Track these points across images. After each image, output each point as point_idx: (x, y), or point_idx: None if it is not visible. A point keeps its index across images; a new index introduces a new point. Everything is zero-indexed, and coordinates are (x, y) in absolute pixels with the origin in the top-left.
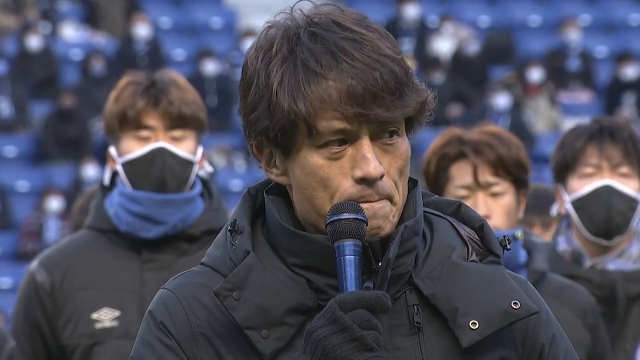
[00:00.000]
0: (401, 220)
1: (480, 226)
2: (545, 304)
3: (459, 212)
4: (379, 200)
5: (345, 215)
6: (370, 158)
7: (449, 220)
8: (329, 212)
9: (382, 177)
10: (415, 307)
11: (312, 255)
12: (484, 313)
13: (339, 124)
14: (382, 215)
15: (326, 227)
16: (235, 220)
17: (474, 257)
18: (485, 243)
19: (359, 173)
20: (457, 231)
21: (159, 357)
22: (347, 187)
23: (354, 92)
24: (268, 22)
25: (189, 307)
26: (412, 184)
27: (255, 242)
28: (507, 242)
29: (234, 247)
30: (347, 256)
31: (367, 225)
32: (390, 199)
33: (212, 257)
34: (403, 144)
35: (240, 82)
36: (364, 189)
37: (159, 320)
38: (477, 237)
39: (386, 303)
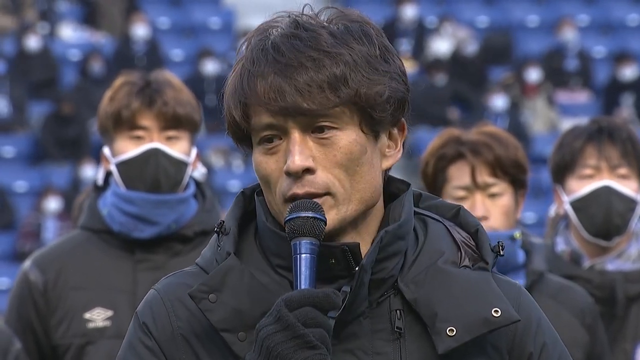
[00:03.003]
0: (386, 224)
1: (475, 231)
2: (540, 311)
3: (458, 216)
4: (307, 194)
5: (303, 214)
6: (293, 152)
7: (445, 225)
8: (287, 210)
9: (310, 170)
10: (397, 312)
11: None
12: (462, 320)
13: (266, 119)
14: (326, 212)
15: (285, 224)
16: (223, 221)
17: (466, 262)
18: (479, 248)
19: (285, 167)
20: (452, 236)
21: (139, 359)
22: (282, 182)
23: (277, 86)
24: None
25: (172, 308)
26: (405, 187)
27: (244, 244)
28: (500, 248)
29: (219, 248)
30: (302, 254)
31: (325, 224)
32: (329, 194)
33: (203, 257)
34: (344, 137)
35: None
36: (291, 183)
37: (142, 321)
38: (472, 242)
39: (335, 301)
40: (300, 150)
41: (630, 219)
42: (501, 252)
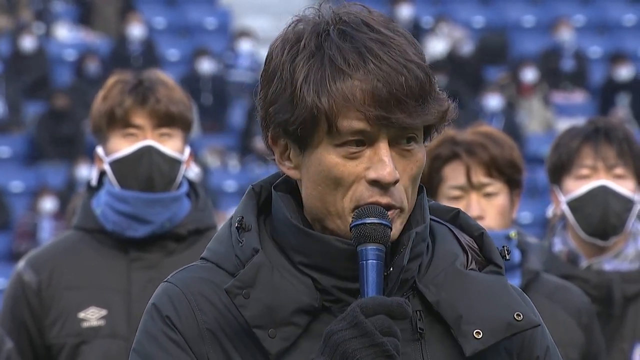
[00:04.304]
0: (409, 225)
1: (479, 235)
2: (539, 314)
3: (457, 220)
4: (387, 205)
5: (370, 220)
6: (387, 162)
7: (448, 227)
8: (354, 215)
9: (396, 182)
10: (418, 312)
11: (321, 256)
12: (488, 323)
13: (359, 125)
14: (392, 223)
15: (350, 230)
16: (242, 217)
17: (473, 265)
18: (485, 252)
19: (373, 175)
20: (457, 238)
21: (165, 352)
22: (359, 187)
23: (379, 95)
24: (296, 16)
25: (195, 302)
26: (420, 188)
27: (261, 240)
28: (506, 252)
29: (240, 244)
30: (370, 260)
31: (391, 230)
32: (399, 206)
33: (215, 252)
34: (420, 151)
35: (263, 73)
36: (374, 192)
37: (165, 314)
38: (475, 245)
39: (407, 310)
40: (391, 161)
41: (627, 218)
42: (507, 257)
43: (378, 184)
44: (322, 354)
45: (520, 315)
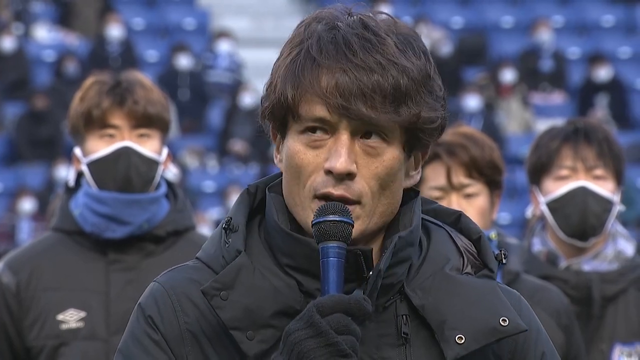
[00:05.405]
0: (396, 230)
1: (477, 238)
2: (537, 320)
3: (459, 223)
4: (341, 197)
5: (331, 217)
6: (341, 152)
7: (447, 230)
8: (315, 212)
9: (351, 175)
10: (404, 317)
11: (304, 258)
12: (471, 328)
13: (319, 111)
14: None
15: (312, 227)
16: (231, 218)
17: (468, 269)
18: (482, 256)
19: (327, 164)
20: (454, 242)
21: (145, 352)
22: (317, 178)
23: (342, 84)
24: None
25: (178, 303)
26: (414, 194)
27: (250, 241)
28: (502, 256)
29: (227, 245)
30: (330, 258)
31: (353, 227)
32: (359, 202)
33: (207, 253)
34: (389, 152)
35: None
36: (328, 182)
37: (147, 314)
38: (474, 249)
39: (366, 308)
40: (347, 153)
41: (606, 219)
42: (503, 261)
43: (332, 174)
44: (281, 354)
45: (506, 320)
